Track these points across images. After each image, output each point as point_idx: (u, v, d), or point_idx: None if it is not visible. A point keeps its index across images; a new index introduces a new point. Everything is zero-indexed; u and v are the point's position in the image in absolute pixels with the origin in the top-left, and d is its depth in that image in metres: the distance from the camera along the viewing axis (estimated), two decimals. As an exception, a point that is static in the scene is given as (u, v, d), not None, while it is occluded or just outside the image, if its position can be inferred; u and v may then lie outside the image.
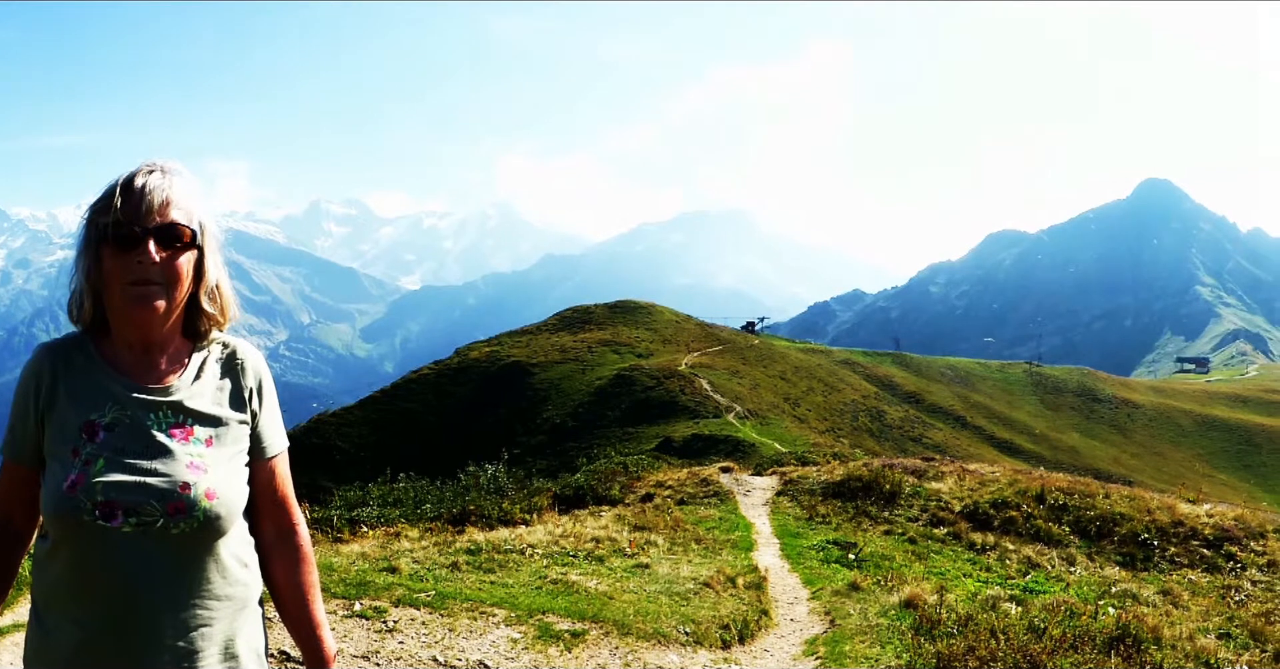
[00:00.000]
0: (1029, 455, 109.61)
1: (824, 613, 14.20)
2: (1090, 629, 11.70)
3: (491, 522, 18.93)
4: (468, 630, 10.47)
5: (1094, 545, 23.44)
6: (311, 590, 3.51)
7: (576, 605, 12.27)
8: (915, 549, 20.98)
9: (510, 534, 16.89)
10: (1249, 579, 21.79)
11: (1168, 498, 27.32)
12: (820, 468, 29.78)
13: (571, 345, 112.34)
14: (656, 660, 10.77)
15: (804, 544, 20.21)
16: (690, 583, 15.01)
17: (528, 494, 22.28)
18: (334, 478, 52.06)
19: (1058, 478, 28.51)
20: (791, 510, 24.60)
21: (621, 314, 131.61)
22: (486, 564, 14.34)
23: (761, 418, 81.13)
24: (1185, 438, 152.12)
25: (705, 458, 50.48)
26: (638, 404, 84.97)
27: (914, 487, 26.35)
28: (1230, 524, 24.80)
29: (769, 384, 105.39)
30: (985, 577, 18.99)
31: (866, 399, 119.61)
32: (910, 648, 11.24)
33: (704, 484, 27.38)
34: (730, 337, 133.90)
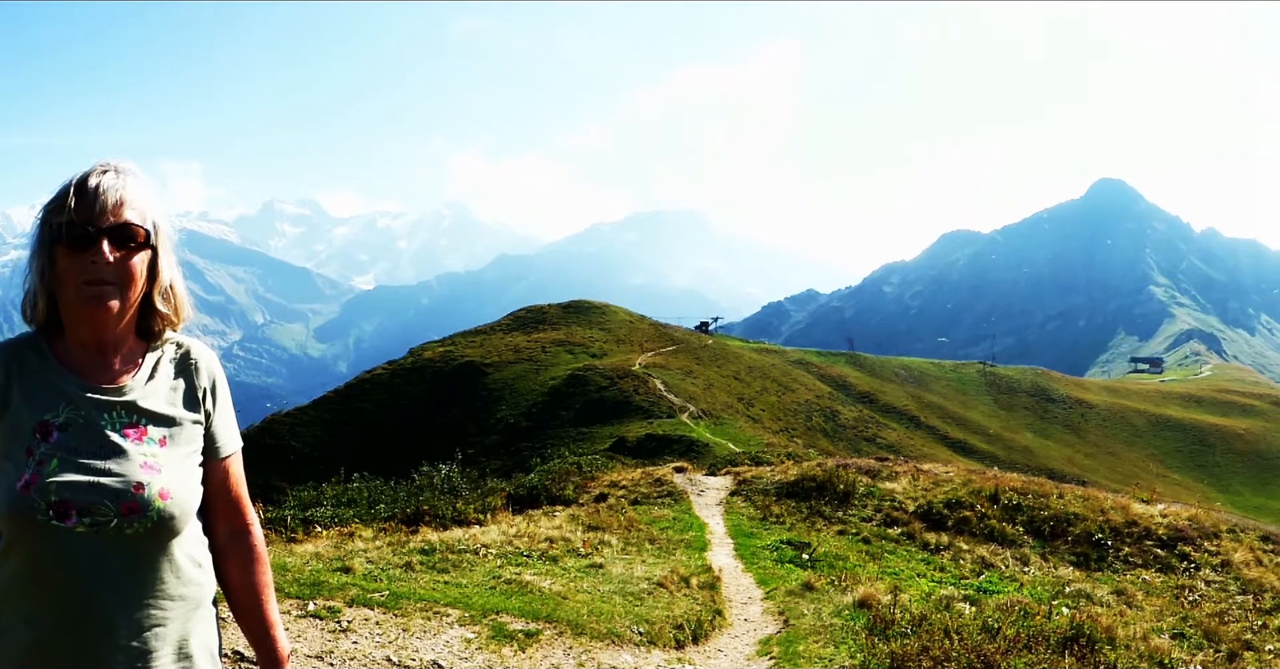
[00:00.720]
0: (983, 455, 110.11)
1: (778, 613, 14.25)
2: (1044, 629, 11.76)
3: (445, 522, 18.92)
4: (422, 630, 10.45)
5: (1048, 545, 23.53)
6: (265, 590, 3.51)
7: (530, 605, 12.27)
8: (869, 549, 21.04)
9: (464, 534, 16.87)
10: (1203, 579, 21.93)
11: (1122, 498, 27.46)
12: (774, 468, 29.88)
13: (525, 345, 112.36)
14: (610, 660, 10.78)
15: (758, 544, 20.25)
16: (644, 583, 15.04)
17: (482, 494, 22.29)
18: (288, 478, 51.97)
19: (1012, 478, 28.65)
20: (745, 510, 24.64)
21: (575, 314, 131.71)
22: (440, 564, 14.30)
23: (715, 418, 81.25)
24: (1139, 438, 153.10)
25: (659, 458, 50.56)
26: (592, 404, 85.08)
27: (868, 487, 26.44)
28: (1184, 524, 24.95)
29: (723, 384, 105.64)
30: (939, 577, 19.05)
31: (820, 399, 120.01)
32: (864, 648, 11.28)
33: (658, 484, 27.40)
34: (684, 336, 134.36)
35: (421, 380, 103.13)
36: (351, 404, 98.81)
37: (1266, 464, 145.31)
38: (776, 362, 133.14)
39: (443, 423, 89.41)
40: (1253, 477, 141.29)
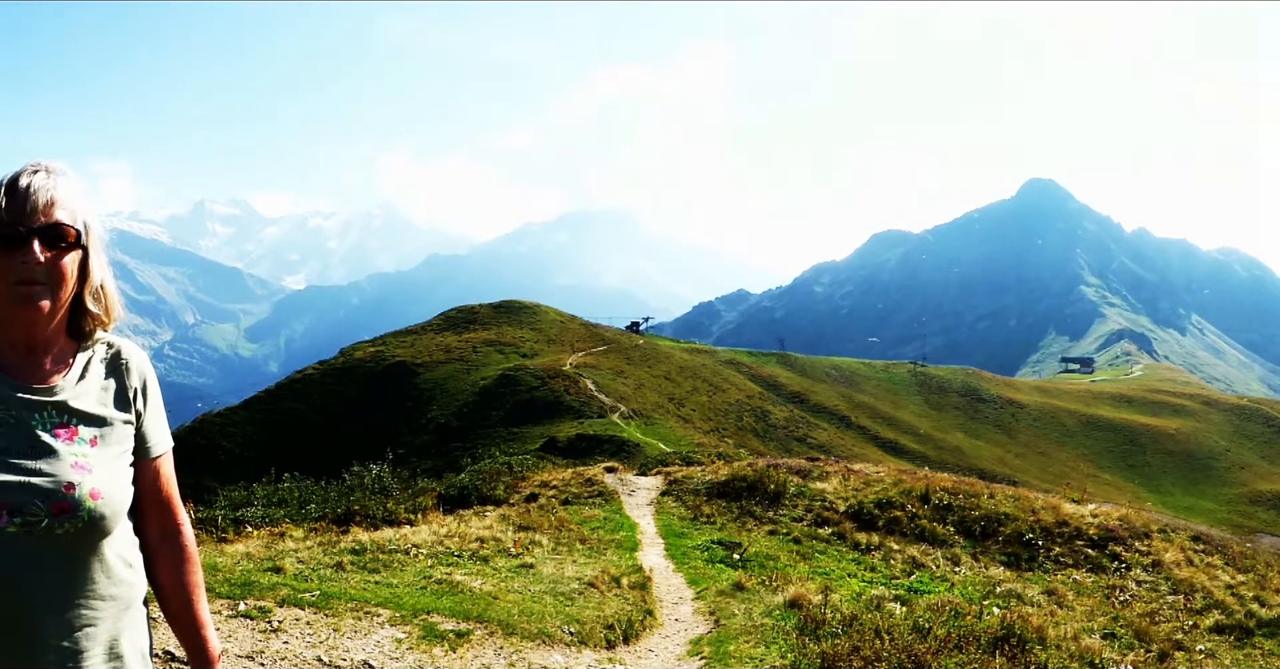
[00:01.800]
0: (914, 455, 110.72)
1: (709, 613, 14.30)
2: (975, 629, 11.82)
3: (376, 522, 18.91)
4: (352, 630, 10.44)
5: (979, 545, 23.68)
6: (196, 590, 3.50)
7: (461, 605, 12.29)
8: (800, 549, 21.13)
9: (395, 534, 16.87)
10: (1133, 579, 22.15)
11: (1052, 498, 27.72)
12: (705, 468, 29.98)
13: (456, 345, 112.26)
14: (541, 660, 10.81)
15: (689, 544, 20.32)
16: (575, 583, 15.09)
17: (412, 494, 22.30)
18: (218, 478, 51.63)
19: (942, 478, 28.85)
20: (676, 510, 24.71)
21: (506, 314, 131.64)
22: (371, 564, 14.30)
23: (646, 418, 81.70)
24: (1070, 438, 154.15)
25: (590, 458, 50.75)
26: (522, 404, 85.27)
27: (799, 487, 26.54)
28: (1115, 524, 25.18)
29: (654, 384, 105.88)
30: (870, 577, 19.14)
31: (751, 399, 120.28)
32: (795, 648, 11.32)
33: (589, 484, 27.48)
34: (615, 336, 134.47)
35: (352, 380, 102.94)
36: (282, 404, 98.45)
37: (1197, 464, 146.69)
38: (707, 362, 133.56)
39: (374, 423, 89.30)
40: (1183, 477, 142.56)
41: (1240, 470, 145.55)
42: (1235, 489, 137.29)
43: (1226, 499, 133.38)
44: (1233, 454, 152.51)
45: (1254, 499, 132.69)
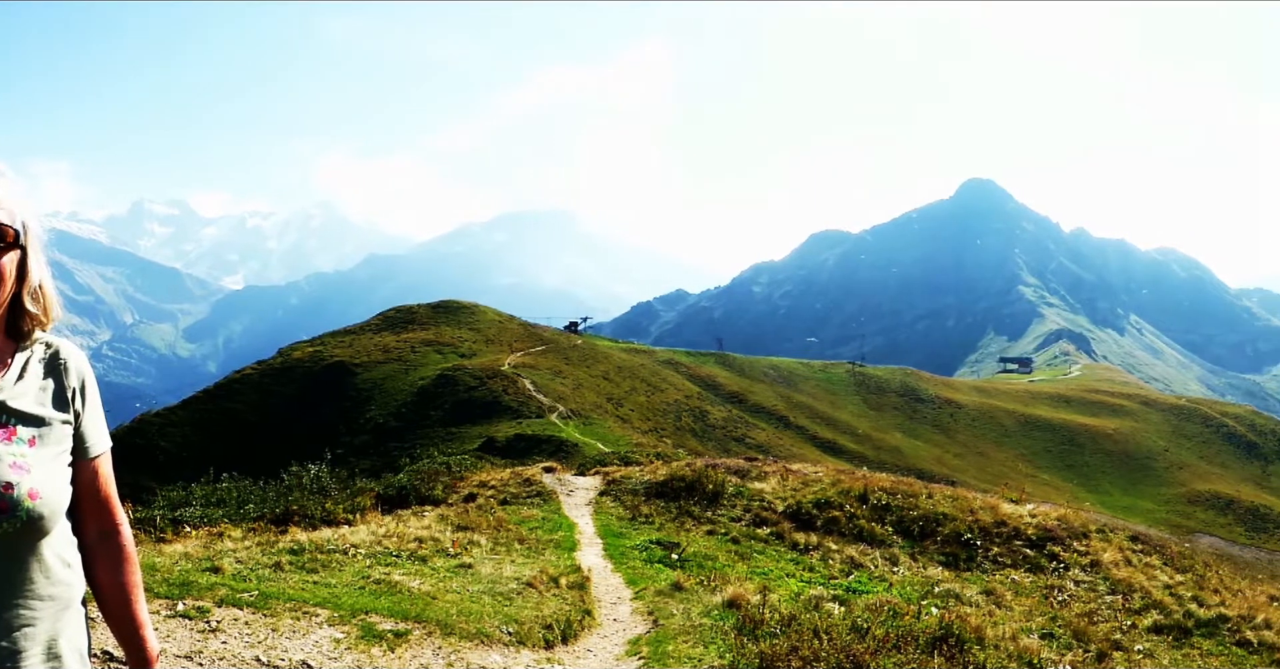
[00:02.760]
0: (852, 455, 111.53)
1: (647, 613, 14.34)
2: (913, 629, 11.88)
3: (315, 522, 18.89)
4: (291, 630, 10.42)
5: (917, 545, 23.77)
6: (134, 590, 3.50)
7: (400, 605, 12.29)
8: (738, 549, 21.19)
9: (333, 534, 16.83)
10: (1072, 579, 22.28)
11: (991, 498, 27.85)
12: (643, 468, 30.11)
13: (395, 345, 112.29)
14: (479, 660, 10.83)
15: (627, 544, 20.36)
16: (513, 583, 15.11)
17: (351, 494, 22.27)
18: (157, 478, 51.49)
19: (881, 478, 28.94)
20: (615, 510, 24.77)
21: (445, 314, 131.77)
22: (310, 564, 14.24)
23: (585, 418, 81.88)
24: (1008, 438, 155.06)
25: (528, 458, 50.94)
26: (461, 404, 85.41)
27: (737, 487, 26.62)
28: (1053, 524, 25.34)
29: (592, 384, 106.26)
30: (808, 577, 19.19)
31: (689, 399, 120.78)
32: (733, 648, 11.36)
33: (527, 484, 27.51)
34: (553, 336, 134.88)
35: (291, 380, 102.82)
36: (221, 404, 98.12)
37: (1135, 464, 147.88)
38: (646, 362, 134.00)
39: (312, 423, 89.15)
40: (1122, 477, 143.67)
41: (1178, 470, 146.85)
42: (1173, 489, 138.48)
43: (1165, 499, 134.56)
44: (1171, 454, 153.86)
45: (1192, 499, 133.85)
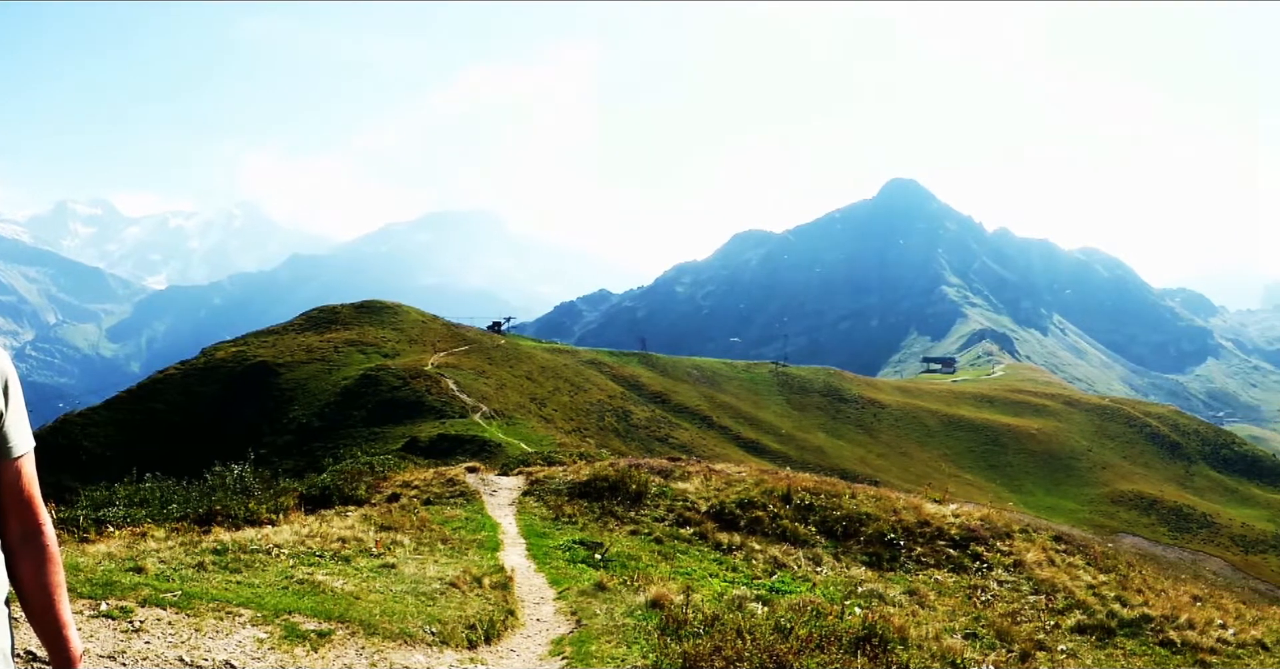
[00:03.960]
0: (775, 455, 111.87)
1: (570, 613, 14.45)
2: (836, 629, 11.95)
3: (238, 522, 18.85)
4: (214, 630, 10.41)
5: (840, 545, 23.91)
6: (58, 590, 3.50)
7: (323, 605, 12.29)
8: (662, 549, 21.32)
9: (257, 534, 16.82)
10: (995, 579, 22.46)
11: (914, 498, 28.08)
12: (567, 468, 30.15)
13: (318, 345, 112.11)
14: (403, 660, 10.87)
15: (550, 544, 20.45)
16: (436, 583, 15.15)
17: (274, 494, 22.24)
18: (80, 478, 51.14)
19: (804, 478, 29.10)
20: (538, 510, 24.85)
21: (368, 314, 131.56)
22: (233, 564, 14.25)
23: (508, 418, 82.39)
24: (932, 438, 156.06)
25: (452, 458, 51.10)
26: (384, 404, 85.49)
27: (660, 487, 26.73)
28: (976, 524, 25.54)
29: (515, 384, 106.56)
30: (732, 577, 19.35)
31: (613, 399, 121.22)
32: (657, 648, 11.45)
33: (450, 484, 27.55)
34: (477, 337, 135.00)
35: (214, 381, 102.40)
36: (144, 404, 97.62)
37: (1058, 464, 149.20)
38: (569, 362, 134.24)
39: (235, 423, 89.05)
40: (1045, 477, 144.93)
41: (1102, 470, 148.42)
42: (1097, 489, 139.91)
43: (1088, 499, 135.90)
44: (1094, 454, 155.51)
45: (1115, 499, 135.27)
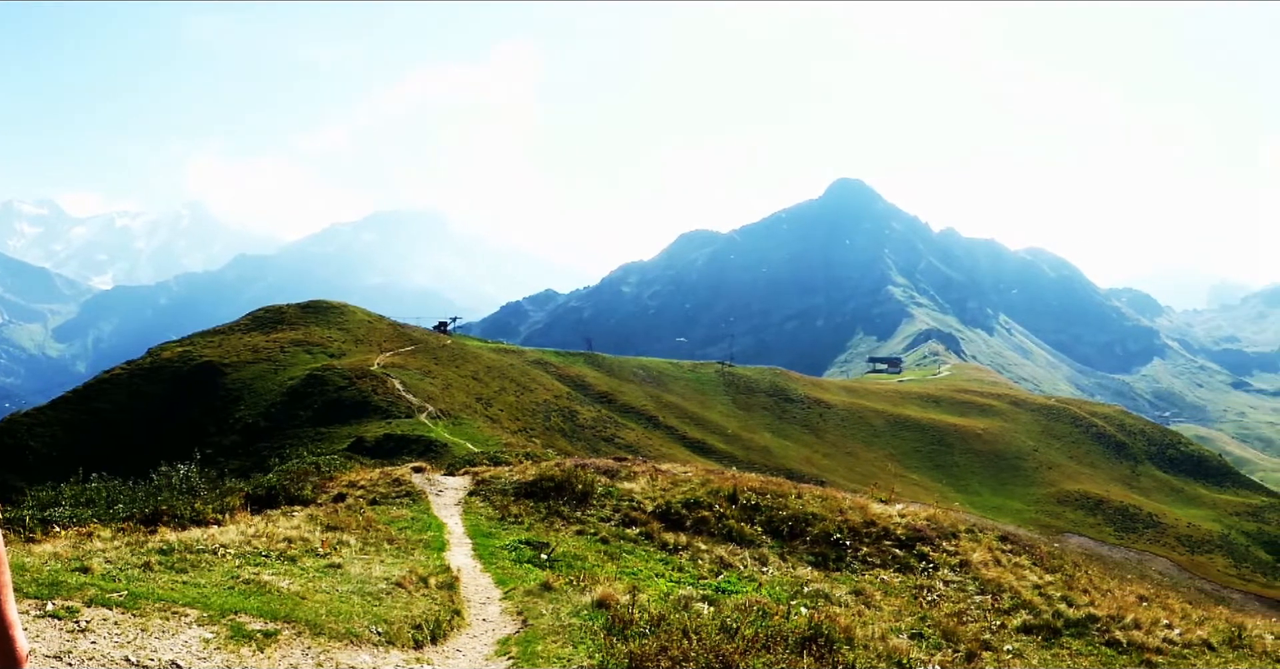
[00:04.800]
0: (721, 455, 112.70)
1: (516, 613, 14.55)
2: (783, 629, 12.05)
3: (184, 522, 18.85)
4: (160, 630, 10.40)
5: (786, 545, 23.99)
6: (3, 590, 3.51)
7: (269, 605, 12.31)
8: (608, 549, 21.40)
9: (203, 534, 16.80)
10: (941, 579, 22.59)
11: (860, 498, 28.21)
12: (513, 468, 30.29)
13: (264, 345, 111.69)
14: (349, 660, 10.92)
15: (496, 544, 20.55)
16: (383, 583, 15.19)
17: (220, 494, 22.27)
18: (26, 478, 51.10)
19: (750, 478, 29.18)
20: (484, 510, 24.93)
21: (314, 314, 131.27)
22: (179, 564, 14.20)
23: (454, 418, 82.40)
24: (878, 438, 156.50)
25: (398, 458, 51.42)
26: (330, 404, 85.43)
27: (606, 487, 26.84)
28: (922, 524, 25.68)
29: (461, 384, 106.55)
30: (678, 577, 19.40)
31: (559, 399, 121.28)
32: (603, 648, 11.53)
33: (396, 484, 27.59)
34: (422, 337, 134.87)
35: (160, 380, 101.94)
36: (90, 404, 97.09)
37: (1004, 464, 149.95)
38: (515, 362, 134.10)
39: (182, 423, 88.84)
40: (991, 477, 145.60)
41: (1048, 470, 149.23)
42: (1043, 489, 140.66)
43: (1034, 499, 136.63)
44: (1040, 454, 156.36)
45: (1061, 499, 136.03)
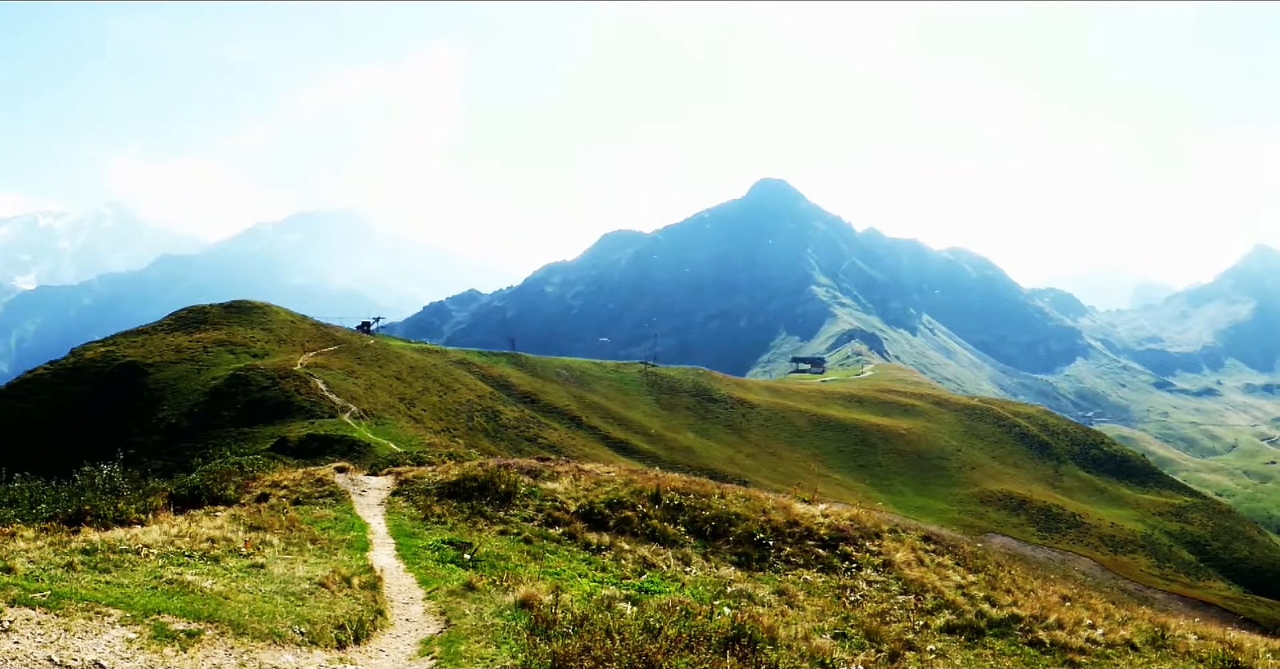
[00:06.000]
0: (645, 455, 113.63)
1: (440, 613, 14.67)
2: (706, 629, 12.19)
3: (108, 522, 18.90)
4: (83, 630, 10.40)
5: (710, 545, 24.15)
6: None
7: (192, 605, 12.34)
8: (531, 549, 21.57)
9: (126, 534, 16.83)
10: (864, 579, 22.79)
11: (783, 498, 28.40)
12: (436, 468, 30.32)
13: (187, 345, 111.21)
14: (272, 660, 10.99)
15: (420, 544, 20.64)
16: (306, 583, 15.27)
17: (143, 494, 22.31)
18: (-53, 479, 50.29)
19: (673, 478, 29.32)
20: (407, 510, 25.02)
21: (237, 314, 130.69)
22: (102, 564, 14.25)
23: (377, 418, 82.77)
24: (801, 438, 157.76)
25: (321, 458, 51.37)
26: (253, 404, 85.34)
27: (530, 487, 27.00)
28: (846, 524, 25.89)
29: (384, 384, 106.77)
30: (601, 577, 19.60)
31: (482, 399, 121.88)
32: (526, 648, 11.67)
33: (319, 484, 27.63)
34: (346, 337, 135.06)
35: (84, 381, 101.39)
36: (13, 404, 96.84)
37: (928, 464, 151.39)
38: (438, 362, 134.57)
39: (105, 423, 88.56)
40: (914, 477, 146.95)
41: (971, 470, 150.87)
42: (966, 489, 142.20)
43: (957, 499, 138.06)
44: (963, 454, 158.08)
45: (984, 499, 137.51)
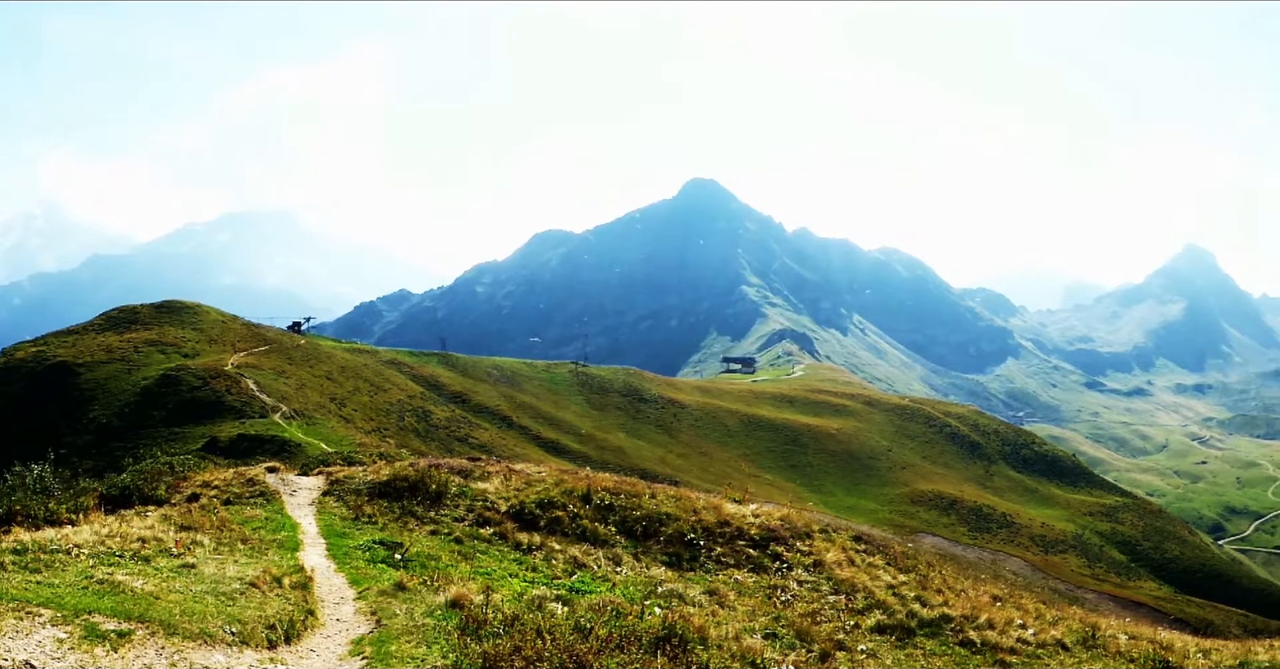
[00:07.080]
0: (576, 455, 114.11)
1: (370, 613, 14.71)
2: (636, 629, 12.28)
3: (38, 521, 18.88)
4: (14, 631, 10.40)
5: (640, 545, 24.27)
6: None
7: (123, 605, 12.33)
8: (462, 549, 21.66)
9: (57, 534, 16.78)
10: (795, 579, 22.96)
11: (714, 498, 28.54)
12: (367, 468, 30.31)
13: (118, 345, 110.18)
14: (203, 660, 11.00)
15: (350, 544, 20.67)
16: (237, 583, 15.27)
17: (74, 494, 22.24)
18: (-126, 480, 49.71)
19: (604, 478, 29.48)
20: (338, 510, 24.98)
21: (168, 314, 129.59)
22: (33, 564, 14.22)
23: (308, 418, 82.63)
24: (732, 438, 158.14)
25: (252, 458, 51.34)
26: (184, 404, 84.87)
27: (460, 487, 27.06)
28: (776, 524, 26.07)
29: (315, 384, 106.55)
30: (532, 577, 19.67)
31: (413, 399, 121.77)
32: (457, 648, 11.74)
33: (250, 484, 27.56)
34: (277, 337, 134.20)
35: (14, 381, 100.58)
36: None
37: (858, 464, 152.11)
38: (369, 362, 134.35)
39: (35, 423, 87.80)
40: (845, 477, 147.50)
41: (902, 470, 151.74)
42: (897, 489, 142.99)
43: (888, 499, 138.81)
44: (894, 454, 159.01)
45: (915, 499, 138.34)
